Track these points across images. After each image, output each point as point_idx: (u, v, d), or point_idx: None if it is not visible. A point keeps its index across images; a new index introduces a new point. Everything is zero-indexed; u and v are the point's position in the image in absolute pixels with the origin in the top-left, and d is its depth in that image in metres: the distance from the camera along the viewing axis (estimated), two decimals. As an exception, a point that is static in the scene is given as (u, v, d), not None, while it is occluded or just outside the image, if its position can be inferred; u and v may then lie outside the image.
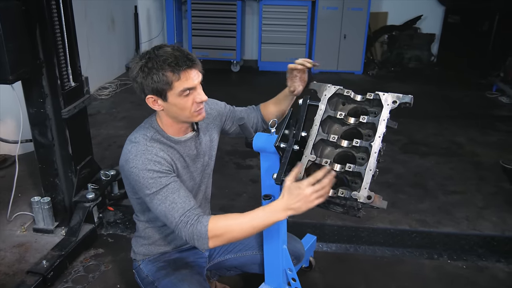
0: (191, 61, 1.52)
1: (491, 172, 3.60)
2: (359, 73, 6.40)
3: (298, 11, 6.17)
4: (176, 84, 1.51)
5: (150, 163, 1.54)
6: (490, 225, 2.89)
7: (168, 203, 1.51)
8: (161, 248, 1.85)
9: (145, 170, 1.52)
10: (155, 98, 1.56)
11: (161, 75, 1.49)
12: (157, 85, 1.51)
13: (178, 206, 1.50)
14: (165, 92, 1.52)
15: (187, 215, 1.49)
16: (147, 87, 1.53)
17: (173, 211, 1.50)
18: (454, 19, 6.43)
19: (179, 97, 1.54)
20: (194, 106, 1.58)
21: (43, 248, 2.55)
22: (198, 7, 6.08)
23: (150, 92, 1.54)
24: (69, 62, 2.54)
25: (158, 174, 1.53)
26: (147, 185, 1.52)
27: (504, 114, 5.02)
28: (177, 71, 1.49)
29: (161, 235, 1.82)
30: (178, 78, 1.50)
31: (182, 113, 1.59)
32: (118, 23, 5.77)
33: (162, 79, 1.49)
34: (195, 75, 1.55)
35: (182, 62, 1.50)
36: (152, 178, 1.52)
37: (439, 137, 4.29)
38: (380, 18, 6.76)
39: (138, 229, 1.87)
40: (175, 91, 1.52)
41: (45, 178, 2.63)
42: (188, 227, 1.47)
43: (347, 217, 2.90)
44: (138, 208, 1.78)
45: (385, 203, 1.51)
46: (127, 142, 1.64)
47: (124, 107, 4.86)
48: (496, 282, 2.41)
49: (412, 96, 1.62)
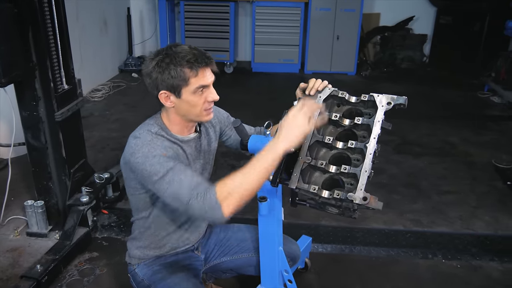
0: (208, 59, 1.57)
1: (484, 172, 3.63)
2: (352, 74, 6.43)
3: (291, 12, 6.19)
4: (193, 80, 1.54)
5: (156, 150, 1.54)
6: (484, 224, 2.92)
7: (176, 184, 1.48)
8: (156, 251, 1.83)
9: (152, 156, 1.52)
10: (168, 94, 1.57)
11: (179, 70, 1.52)
12: (174, 80, 1.53)
13: (185, 184, 1.47)
14: (180, 88, 1.55)
15: (195, 189, 1.45)
16: (162, 83, 1.54)
17: (182, 189, 1.46)
18: (446, 20, 6.47)
19: (193, 94, 1.56)
20: (205, 105, 1.61)
21: (37, 252, 2.53)
22: (191, 8, 6.08)
23: (165, 88, 1.56)
24: (62, 64, 2.52)
25: (165, 159, 1.52)
26: (154, 171, 1.50)
27: (496, 114, 5.07)
28: (195, 68, 1.53)
29: (156, 237, 1.81)
30: (195, 75, 1.54)
31: (192, 111, 1.61)
32: (110, 25, 5.75)
33: (179, 75, 1.52)
34: (210, 73, 1.59)
35: (200, 59, 1.53)
36: (159, 163, 1.51)
37: (432, 137, 4.32)
38: (372, 19, 6.79)
39: (134, 231, 1.85)
40: (191, 87, 1.55)
41: (38, 181, 2.61)
42: (199, 200, 1.43)
43: (342, 218, 2.88)
44: (141, 205, 1.75)
45: (380, 204, 1.52)
46: (130, 138, 1.63)
47: (117, 109, 4.84)
48: (490, 281, 2.43)
49: (406, 98, 1.63)
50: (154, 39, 6.73)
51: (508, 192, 3.31)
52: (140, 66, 6.13)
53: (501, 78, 5.33)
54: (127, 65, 6.13)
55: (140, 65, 6.14)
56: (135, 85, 5.68)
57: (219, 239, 2.03)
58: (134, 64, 6.12)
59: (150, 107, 5.72)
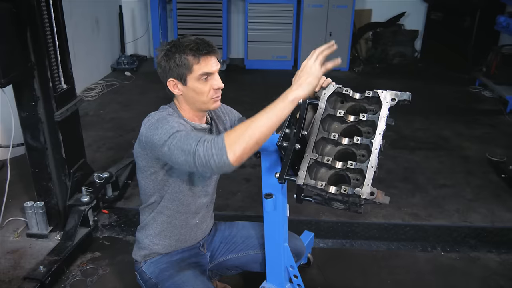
0: (210, 47, 1.64)
1: (478, 165, 3.68)
2: (345, 70, 6.45)
3: (284, 9, 6.19)
4: (196, 67, 1.61)
5: (169, 120, 1.58)
6: (480, 217, 2.97)
7: (183, 138, 1.46)
8: (165, 240, 1.84)
9: (165, 119, 1.57)
10: (175, 82, 1.66)
11: (183, 58, 1.60)
12: (179, 68, 1.62)
13: (193, 136, 1.45)
14: (185, 75, 1.63)
15: (203, 137, 1.43)
16: (169, 71, 1.64)
17: (189, 139, 1.44)
18: (437, 16, 6.52)
19: (197, 81, 1.63)
20: (211, 93, 1.67)
21: (38, 254, 2.52)
22: (183, 6, 6.05)
23: (172, 75, 1.64)
24: (60, 64, 2.51)
25: (176, 123, 1.55)
26: (164, 131, 1.51)
27: (487, 108, 5.13)
28: (197, 55, 1.60)
29: (169, 224, 1.82)
30: (197, 62, 1.61)
31: (199, 98, 1.66)
32: (102, 23, 5.71)
33: (183, 62, 1.61)
34: (214, 62, 1.65)
35: (202, 47, 1.61)
36: (170, 125, 1.53)
37: (426, 132, 4.37)
38: (364, 15, 6.83)
39: (145, 218, 1.86)
40: (194, 74, 1.62)
41: (38, 182, 2.60)
42: (205, 144, 1.39)
43: (342, 213, 2.93)
44: (152, 186, 1.76)
45: (387, 198, 1.54)
46: (144, 121, 1.65)
47: (111, 108, 4.81)
48: (489, 272, 2.48)
49: (410, 93, 1.65)
50: (146, 37, 6.70)
51: (503, 185, 3.37)
52: (132, 64, 6.10)
53: (492, 72, 5.39)
54: (119, 63, 6.09)
55: (132, 64, 6.11)
56: (129, 84, 5.65)
57: (224, 236, 2.04)
58: (127, 63, 6.08)
59: (145, 105, 5.68)
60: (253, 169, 3.58)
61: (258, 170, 3.58)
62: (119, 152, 3.75)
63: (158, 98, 5.01)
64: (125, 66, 6.07)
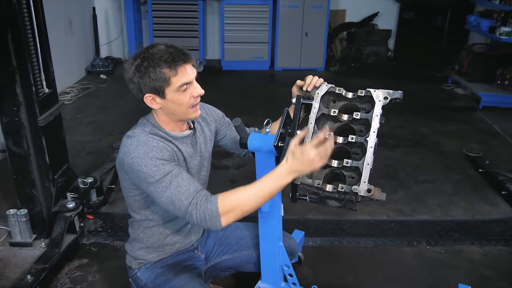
0: (186, 55, 1.55)
1: (456, 161, 3.80)
2: (321, 69, 6.53)
3: (260, 10, 6.22)
4: (174, 79, 1.53)
5: (152, 151, 1.53)
6: (461, 211, 3.06)
7: (173, 188, 1.48)
8: (159, 251, 1.82)
9: (148, 158, 1.51)
10: (153, 97, 1.57)
11: (158, 72, 1.50)
12: (155, 83, 1.52)
13: (183, 189, 1.48)
14: (163, 89, 1.54)
15: (195, 197, 1.47)
16: (144, 86, 1.54)
17: (179, 194, 1.47)
18: (409, 15, 6.68)
19: (177, 93, 1.55)
20: (191, 101, 1.60)
21: (23, 263, 2.45)
22: (158, 7, 6.00)
23: (148, 91, 1.55)
24: (42, 67, 2.45)
25: (162, 162, 1.51)
26: (150, 173, 1.50)
27: (461, 105, 5.29)
28: (173, 67, 1.51)
29: (160, 235, 1.79)
30: (175, 74, 1.52)
31: (179, 109, 1.60)
32: (76, 25, 5.59)
33: (159, 76, 1.51)
34: (190, 69, 1.57)
35: (177, 58, 1.52)
36: (156, 166, 1.50)
37: (404, 130, 4.46)
38: (338, 15, 6.92)
39: (135, 232, 1.82)
40: (173, 87, 1.54)
41: (21, 189, 2.53)
42: (198, 208, 1.45)
43: (328, 211, 2.99)
44: (138, 205, 1.73)
45: (383, 195, 1.57)
46: (124, 138, 1.61)
47: (89, 112, 4.72)
48: (473, 264, 2.55)
49: (401, 92, 1.70)
50: (120, 40, 6.60)
51: (480, 179, 3.48)
52: (107, 67, 6.00)
53: (464, 70, 5.56)
54: (94, 66, 5.98)
55: (107, 66, 6.01)
56: (105, 87, 5.56)
57: (218, 237, 2.03)
58: (102, 65, 5.98)
59: (123, 108, 5.62)
60: (237, 170, 3.59)
61: (242, 171, 3.61)
62: (99, 156, 3.68)
63: (136, 101, 4.89)
64: (100, 69, 5.97)
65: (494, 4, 5.20)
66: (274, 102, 5.14)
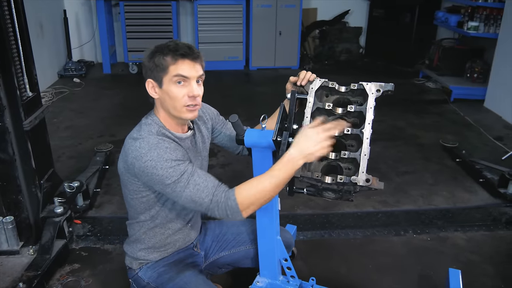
0: (191, 50, 1.59)
1: (433, 152, 3.92)
2: (296, 68, 6.60)
3: (233, 10, 6.23)
4: (171, 68, 1.56)
5: (166, 153, 1.53)
6: (443, 199, 3.17)
7: (191, 187, 1.50)
8: (161, 251, 1.82)
9: (163, 160, 1.51)
10: (153, 84, 1.61)
11: (161, 58, 1.55)
12: (157, 69, 1.57)
13: (202, 186, 1.51)
14: (161, 77, 1.57)
15: (215, 194, 1.50)
16: (148, 71, 1.60)
17: (199, 192, 1.50)
18: (379, 13, 6.83)
19: (172, 84, 1.57)
20: (185, 99, 1.59)
21: (12, 271, 2.39)
22: (131, 9, 5.92)
23: (150, 76, 1.60)
24: (25, 71, 2.40)
25: (177, 162, 1.52)
26: (167, 175, 1.50)
27: (433, 98, 5.46)
28: (174, 56, 1.55)
29: (162, 235, 1.79)
30: (174, 63, 1.55)
31: (172, 104, 1.59)
32: (46, 29, 5.46)
33: (161, 63, 1.56)
34: (192, 66, 1.59)
35: (181, 50, 1.56)
36: (172, 167, 1.51)
37: (381, 124, 4.57)
38: (310, 14, 7.01)
39: (136, 233, 1.81)
40: (169, 76, 1.56)
41: (6, 196, 2.46)
42: (220, 206, 1.50)
43: (316, 205, 3.04)
44: (144, 206, 1.72)
45: (382, 184, 1.63)
46: (130, 141, 1.60)
47: (65, 116, 4.62)
48: (458, 249, 2.65)
49: (393, 84, 1.76)
50: (92, 42, 6.49)
51: (458, 168, 3.61)
52: (81, 70, 5.89)
53: (434, 65, 5.73)
54: (67, 70, 5.85)
55: (80, 70, 5.90)
56: (79, 91, 5.45)
57: (216, 234, 2.05)
58: (75, 69, 5.86)
59: (101, 111, 5.52)
60: (222, 169, 3.60)
61: (228, 170, 3.63)
62: (81, 160, 3.62)
63: (112, 104, 4.90)
64: (73, 73, 5.85)
65: (461, 0, 5.39)
66: (251, 101, 5.17)
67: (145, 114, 1.72)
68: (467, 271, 2.44)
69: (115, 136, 4.06)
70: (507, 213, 2.97)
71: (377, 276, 2.44)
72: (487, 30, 5.10)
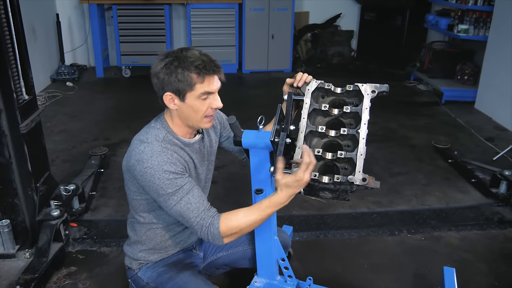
0: (217, 67, 1.59)
1: (426, 153, 3.97)
2: (288, 71, 6.63)
3: (226, 13, 6.25)
4: (198, 86, 1.55)
5: (166, 164, 1.54)
6: (436, 199, 3.21)
7: (183, 204, 1.54)
8: (161, 253, 1.83)
9: (162, 171, 1.53)
10: (172, 97, 1.59)
11: (186, 75, 1.53)
12: (180, 84, 1.54)
13: (193, 206, 1.54)
14: (185, 92, 1.56)
15: (202, 218, 1.55)
16: (168, 85, 1.56)
17: (188, 211, 1.54)
18: (370, 16, 6.90)
19: (197, 100, 1.58)
20: (208, 111, 1.63)
21: (8, 274, 2.38)
22: (124, 13, 5.92)
23: (170, 90, 1.57)
24: (21, 73, 2.40)
25: (174, 176, 1.54)
26: (162, 186, 1.53)
27: (424, 100, 5.52)
28: (202, 74, 1.54)
29: (163, 237, 1.81)
30: (201, 81, 1.55)
31: (194, 116, 1.62)
32: (39, 32, 5.44)
33: (186, 79, 1.54)
34: (216, 81, 1.61)
35: (209, 67, 1.56)
36: (169, 179, 1.53)
37: (374, 125, 4.59)
38: (302, 17, 7.06)
39: (137, 234, 1.83)
40: (196, 93, 1.56)
41: (2, 199, 2.45)
42: (203, 230, 1.56)
43: (310, 206, 3.07)
44: (143, 208, 1.74)
45: (378, 183, 1.65)
46: (136, 142, 1.62)
47: (59, 120, 4.61)
48: (452, 248, 2.69)
49: (388, 85, 1.80)
50: (85, 46, 6.48)
51: (450, 169, 3.66)
52: (73, 74, 5.88)
53: (425, 67, 5.80)
54: (59, 74, 5.83)
55: (73, 74, 5.88)
56: (72, 94, 5.44)
57: (214, 235, 2.06)
58: (67, 73, 5.84)
59: (95, 114, 5.51)
60: (216, 171, 3.60)
61: (222, 172, 3.64)
62: (76, 164, 3.62)
63: (106, 108, 4.90)
64: (65, 77, 5.83)
65: (450, 3, 5.47)
66: (244, 104, 5.19)
67: (139, 118, 1.74)
68: (461, 269, 2.46)
69: (110, 140, 4.06)
70: (499, 212, 3.02)
71: (372, 275, 2.46)
72: (477, 33, 5.18)
